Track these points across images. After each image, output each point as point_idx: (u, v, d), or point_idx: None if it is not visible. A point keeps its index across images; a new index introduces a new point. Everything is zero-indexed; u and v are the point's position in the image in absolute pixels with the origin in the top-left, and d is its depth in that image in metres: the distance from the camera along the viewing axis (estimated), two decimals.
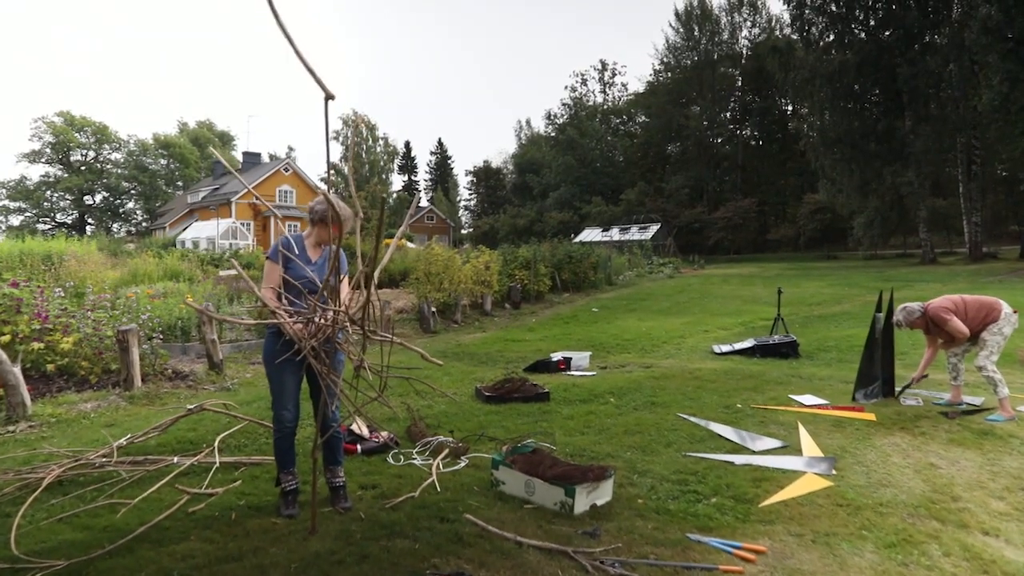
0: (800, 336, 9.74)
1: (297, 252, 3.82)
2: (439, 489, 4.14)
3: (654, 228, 46.67)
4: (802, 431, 5.35)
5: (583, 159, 63.40)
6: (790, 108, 55.26)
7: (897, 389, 6.42)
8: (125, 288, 15.34)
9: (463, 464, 4.67)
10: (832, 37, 34.63)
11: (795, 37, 38.06)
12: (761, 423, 5.67)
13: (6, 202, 64.38)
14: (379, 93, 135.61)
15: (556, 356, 8.72)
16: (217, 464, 4.27)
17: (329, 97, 2.41)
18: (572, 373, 8.27)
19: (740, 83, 58.62)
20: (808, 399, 6.42)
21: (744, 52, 57.70)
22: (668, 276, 27.87)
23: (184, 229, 48.55)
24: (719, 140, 59.69)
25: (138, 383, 6.98)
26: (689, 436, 5.31)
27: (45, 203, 65.95)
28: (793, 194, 53.16)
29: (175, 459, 4.49)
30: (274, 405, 3.82)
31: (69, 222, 66.83)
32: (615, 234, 46.60)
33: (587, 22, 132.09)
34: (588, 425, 5.69)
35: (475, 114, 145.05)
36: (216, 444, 4.46)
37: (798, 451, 4.91)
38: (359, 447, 4.81)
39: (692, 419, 5.80)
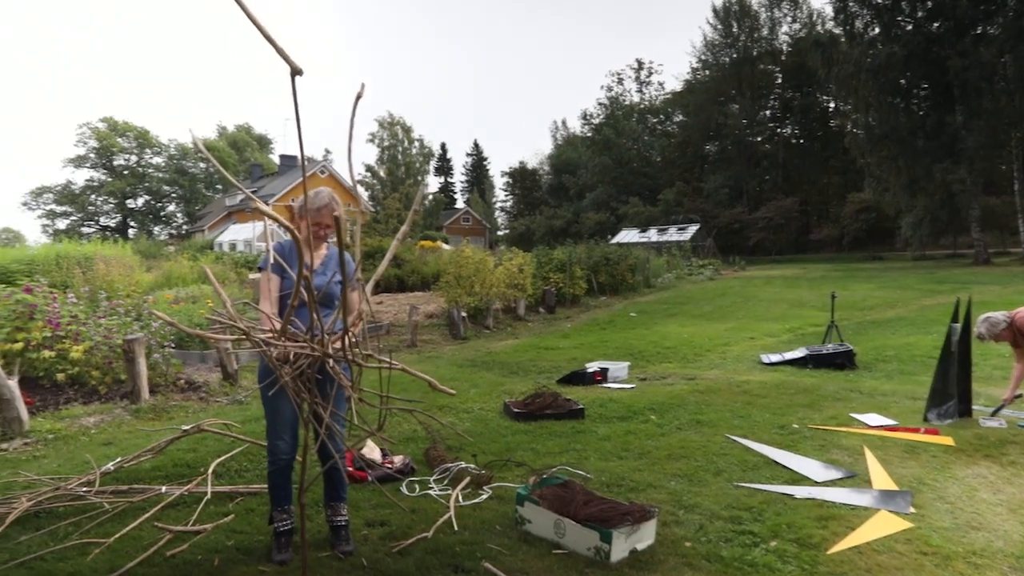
0: (855, 344, 9.04)
1: (293, 259, 3.34)
2: (456, 528, 3.63)
3: (693, 229, 45.63)
4: (870, 457, 4.73)
5: (620, 159, 62.50)
6: (833, 104, 53.79)
7: (989, 409, 5.73)
8: (159, 291, 15.23)
9: (485, 496, 4.16)
10: (878, 30, 33.39)
11: (838, 31, 36.83)
12: (821, 447, 5.06)
13: (53, 206, 65.87)
14: (415, 95, 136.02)
15: (592, 367, 8.16)
16: (209, 495, 3.81)
17: (296, 72, 2.00)
18: (609, 385, 7.70)
19: (780, 80, 57.23)
20: (872, 418, 5.77)
21: (784, 48, 56.30)
22: (708, 278, 27.08)
23: (222, 232, 48.91)
24: (759, 138, 58.34)
25: (145, 396, 6.59)
26: (740, 462, 4.73)
27: (90, 207, 67.28)
28: (836, 193, 51.81)
29: (163, 488, 4.05)
30: (268, 433, 3.35)
31: (113, 225, 68.06)
32: (653, 235, 45.68)
33: (622, 21, 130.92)
34: (626, 448, 5.14)
35: (511, 115, 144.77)
36: (211, 470, 4.01)
37: (867, 482, 4.30)
38: (370, 474, 4.33)
39: (743, 441, 5.22)
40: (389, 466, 4.48)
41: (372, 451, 4.59)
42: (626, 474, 4.50)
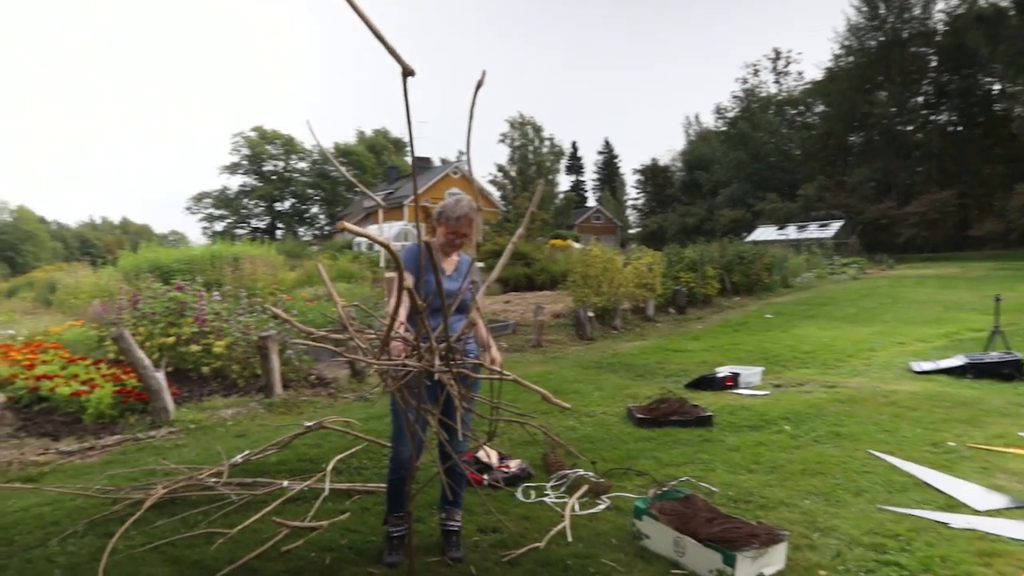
0: None
1: (427, 263, 3.31)
2: (570, 539, 3.49)
3: (835, 225, 43.13)
4: None
5: (756, 153, 60.14)
6: (998, 87, 49.12)
7: None
8: (298, 290, 16.09)
9: (603, 506, 4.00)
10: None
11: (1005, 3, 33.62)
12: (983, 470, 4.52)
13: (211, 210, 71.53)
14: (546, 94, 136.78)
15: (722, 371, 7.77)
16: (327, 491, 3.89)
17: (408, 73, 1.97)
18: (740, 392, 7.30)
19: (935, 63, 52.93)
20: None
21: (939, 27, 51.99)
22: (852, 277, 25.46)
23: None
24: (910, 127, 54.21)
25: (278, 390, 6.93)
26: (886, 482, 4.30)
27: (243, 210, 72.45)
28: (1002, 184, 47.26)
29: (285, 483, 4.20)
30: (394, 440, 3.34)
31: (262, 227, 72.85)
32: (792, 232, 43.55)
33: (757, 9, 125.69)
34: (757, 460, 4.81)
35: (642, 112, 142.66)
36: (330, 467, 4.11)
37: None
38: (485, 478, 4.28)
39: (889, 459, 4.75)
40: (505, 470, 4.41)
41: (489, 454, 4.54)
42: (755, 489, 4.20)
